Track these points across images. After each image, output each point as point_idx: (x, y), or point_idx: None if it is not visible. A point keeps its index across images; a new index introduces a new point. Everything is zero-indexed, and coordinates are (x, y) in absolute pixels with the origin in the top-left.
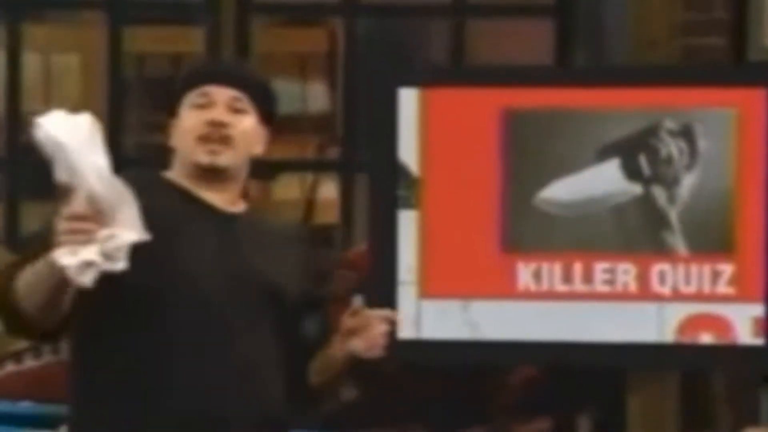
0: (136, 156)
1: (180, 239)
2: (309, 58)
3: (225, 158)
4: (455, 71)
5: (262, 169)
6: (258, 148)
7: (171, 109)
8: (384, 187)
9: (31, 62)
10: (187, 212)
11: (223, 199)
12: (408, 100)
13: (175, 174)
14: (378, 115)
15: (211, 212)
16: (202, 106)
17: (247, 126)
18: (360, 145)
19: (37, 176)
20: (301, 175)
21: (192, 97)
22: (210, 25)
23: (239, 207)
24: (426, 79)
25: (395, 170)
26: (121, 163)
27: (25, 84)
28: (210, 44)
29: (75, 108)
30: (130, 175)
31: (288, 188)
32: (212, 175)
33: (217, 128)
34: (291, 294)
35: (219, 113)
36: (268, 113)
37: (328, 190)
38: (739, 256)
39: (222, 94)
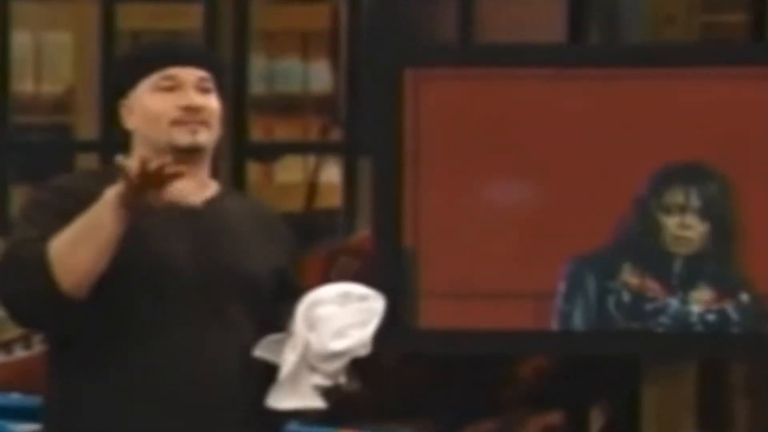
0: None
1: (148, 234)
2: (311, 36)
3: (204, 136)
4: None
5: (264, 152)
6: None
7: (122, 91)
8: (388, 170)
9: (21, 40)
10: None
11: (191, 185)
12: None
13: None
14: (382, 96)
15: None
16: (169, 89)
17: (216, 106)
18: (364, 127)
19: (27, 159)
20: (304, 158)
21: (155, 80)
22: (207, 1)
23: (209, 191)
24: (430, 58)
25: (399, 153)
26: (116, 145)
27: (15, 63)
28: (207, 21)
29: (67, 87)
30: (85, 174)
31: (290, 171)
32: (191, 156)
33: (192, 113)
34: (265, 280)
35: (191, 97)
36: (223, 86)
37: (331, 173)
38: None
39: (189, 75)
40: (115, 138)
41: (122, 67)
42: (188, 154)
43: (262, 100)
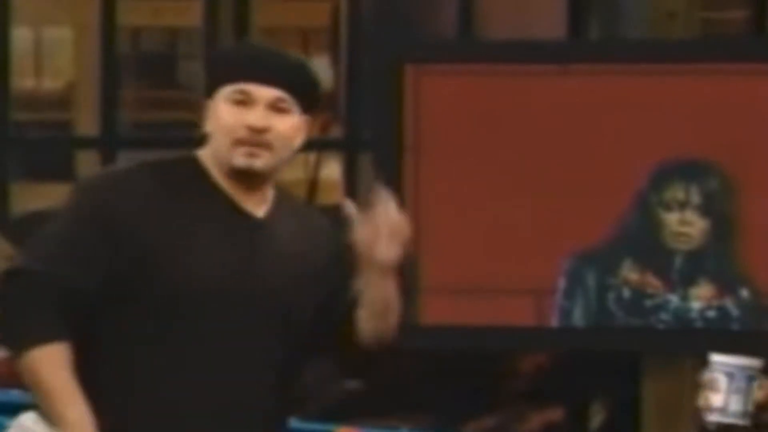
0: (132, 134)
1: (199, 245)
2: (311, 33)
3: (262, 161)
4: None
5: None
6: (299, 141)
7: (208, 91)
8: (388, 166)
9: (21, 36)
10: (210, 213)
11: (253, 201)
12: None
13: (209, 159)
14: (383, 92)
15: (237, 216)
16: (241, 103)
17: (288, 127)
18: (364, 123)
19: (27, 155)
20: (304, 154)
21: (230, 91)
22: None
23: (264, 206)
24: (431, 54)
25: (399, 149)
26: (116, 141)
27: (15, 59)
28: (208, 18)
29: (67, 84)
30: (150, 167)
31: (290, 167)
32: (247, 178)
33: (256, 134)
34: (302, 310)
35: (259, 117)
36: (312, 103)
37: (332, 169)
38: None
39: (264, 93)
40: (115, 134)
41: (209, 68)
42: (244, 175)
43: None
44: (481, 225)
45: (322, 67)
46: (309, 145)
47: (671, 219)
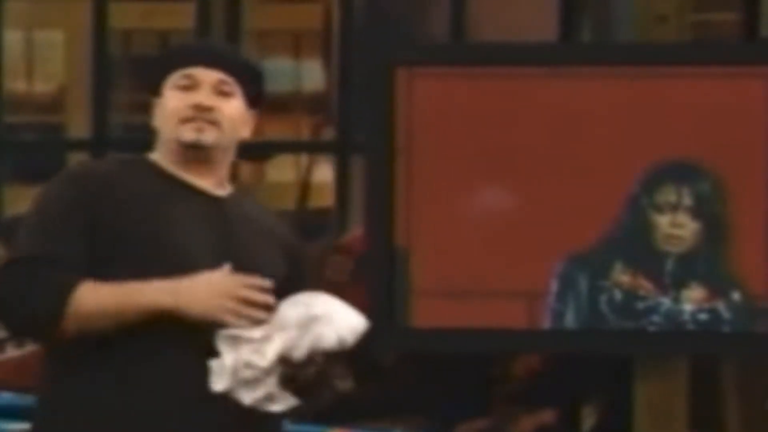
0: (123, 136)
1: (168, 224)
2: (303, 36)
3: (210, 136)
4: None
5: (256, 151)
6: (244, 132)
7: (154, 88)
8: (380, 168)
9: (12, 38)
10: (174, 196)
11: (208, 183)
12: None
13: (160, 156)
14: (374, 95)
15: (198, 196)
16: (186, 88)
17: (233, 109)
18: (356, 125)
19: (19, 158)
20: (296, 157)
21: (176, 78)
22: (199, 0)
23: (225, 190)
24: (422, 57)
25: (391, 151)
26: (108, 143)
27: (6, 61)
28: (199, 21)
29: (58, 86)
30: (114, 160)
31: (282, 170)
32: (196, 154)
33: (203, 112)
34: (279, 278)
35: (204, 96)
36: (256, 96)
37: (323, 172)
38: None
39: (208, 76)
40: (107, 137)
41: (152, 66)
42: (193, 151)
43: None
44: (473, 227)
45: (313, 70)
46: (301, 148)
47: (663, 221)
